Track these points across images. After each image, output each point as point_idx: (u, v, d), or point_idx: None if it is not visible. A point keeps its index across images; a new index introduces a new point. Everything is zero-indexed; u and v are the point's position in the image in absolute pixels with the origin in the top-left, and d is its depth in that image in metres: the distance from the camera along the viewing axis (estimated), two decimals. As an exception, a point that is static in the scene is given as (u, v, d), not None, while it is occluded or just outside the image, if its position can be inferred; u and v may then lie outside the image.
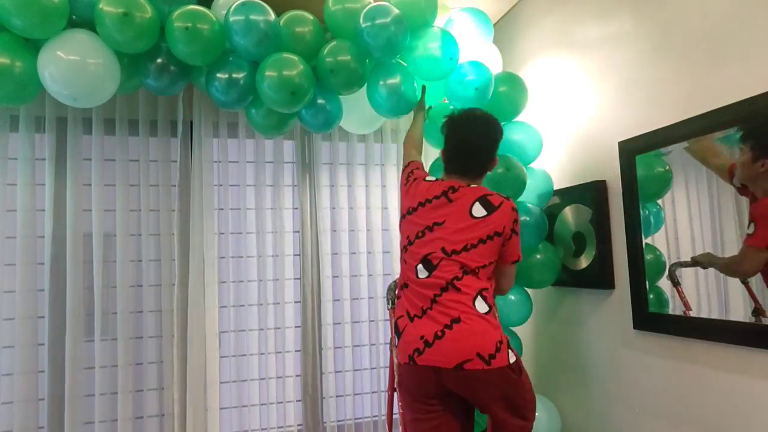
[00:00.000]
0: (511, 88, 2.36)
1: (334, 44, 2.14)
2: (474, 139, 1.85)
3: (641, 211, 2.04)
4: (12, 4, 1.74)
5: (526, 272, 2.40)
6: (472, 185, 1.86)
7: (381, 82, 2.20)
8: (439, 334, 1.58)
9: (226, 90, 2.08)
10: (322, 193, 2.78)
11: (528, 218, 2.30)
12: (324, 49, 2.14)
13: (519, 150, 2.38)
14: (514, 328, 2.51)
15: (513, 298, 2.41)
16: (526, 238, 2.25)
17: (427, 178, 1.91)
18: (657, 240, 2.00)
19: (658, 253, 1.99)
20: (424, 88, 2.31)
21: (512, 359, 1.64)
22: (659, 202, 2.00)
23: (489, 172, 1.95)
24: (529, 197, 2.42)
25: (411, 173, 1.98)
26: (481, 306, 1.65)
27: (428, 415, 1.63)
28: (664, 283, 1.98)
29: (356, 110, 2.40)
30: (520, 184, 2.27)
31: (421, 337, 1.60)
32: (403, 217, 1.89)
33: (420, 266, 1.73)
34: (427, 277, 1.70)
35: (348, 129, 2.57)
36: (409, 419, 1.71)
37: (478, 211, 1.76)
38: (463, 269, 1.69)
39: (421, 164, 2.08)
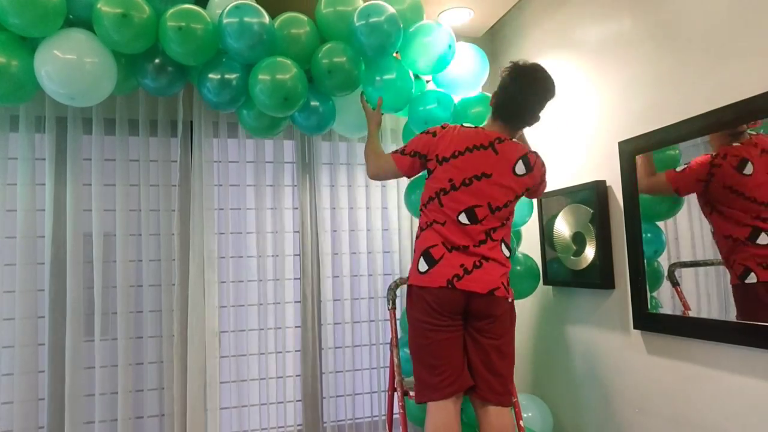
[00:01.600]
0: (486, 109, 2.38)
1: (330, 46, 2.14)
2: (530, 96, 1.94)
3: (641, 211, 2.04)
4: (9, 3, 1.74)
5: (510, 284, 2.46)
6: (515, 140, 1.99)
7: (377, 78, 2.22)
8: (478, 264, 1.83)
9: (218, 91, 2.07)
10: (322, 193, 2.78)
11: None
12: (319, 50, 2.14)
13: None
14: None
15: None
16: None
17: (466, 125, 2.00)
18: (657, 240, 2.00)
19: (655, 265, 2.00)
20: (380, 100, 2.26)
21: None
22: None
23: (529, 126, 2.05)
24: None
25: (434, 132, 1.99)
26: (505, 251, 1.93)
27: (451, 327, 1.84)
28: (664, 284, 1.97)
29: (349, 113, 2.40)
30: None
31: (461, 266, 1.82)
32: (445, 159, 1.92)
33: (463, 215, 1.87)
34: (468, 225, 1.86)
35: (341, 132, 2.57)
36: (428, 329, 1.83)
37: (521, 169, 1.93)
38: (500, 224, 1.91)
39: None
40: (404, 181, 2.90)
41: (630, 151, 2.08)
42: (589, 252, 2.32)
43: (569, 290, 2.51)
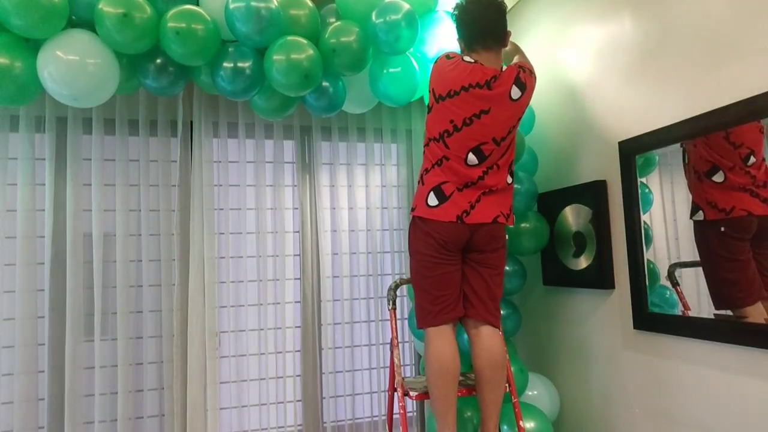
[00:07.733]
0: None
1: (339, 25, 2.15)
2: (486, 11, 2.02)
3: (641, 211, 2.05)
4: (12, 4, 1.74)
5: (517, 240, 2.48)
6: (505, 67, 2.03)
7: (384, 71, 2.24)
8: (480, 197, 1.96)
9: (232, 79, 2.08)
10: (322, 193, 2.78)
11: (519, 187, 2.40)
12: (326, 30, 2.15)
13: None
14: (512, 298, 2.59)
15: (508, 269, 2.45)
16: (517, 206, 2.37)
17: (466, 59, 1.99)
18: (657, 239, 2.00)
19: (651, 265, 2.03)
20: None
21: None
22: (648, 184, 2.03)
23: (506, 47, 2.11)
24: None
25: (446, 56, 2.02)
26: (508, 179, 2.03)
27: (453, 260, 1.98)
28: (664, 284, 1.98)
29: (355, 88, 2.41)
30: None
31: (469, 202, 1.94)
32: (441, 98, 1.97)
33: (471, 154, 1.94)
34: (477, 164, 1.95)
35: (346, 108, 2.55)
36: (433, 263, 1.96)
37: (516, 93, 1.98)
38: (503, 154, 1.99)
39: None
40: (404, 181, 2.91)
41: (630, 151, 2.08)
42: (589, 252, 2.32)
43: (569, 290, 2.51)
